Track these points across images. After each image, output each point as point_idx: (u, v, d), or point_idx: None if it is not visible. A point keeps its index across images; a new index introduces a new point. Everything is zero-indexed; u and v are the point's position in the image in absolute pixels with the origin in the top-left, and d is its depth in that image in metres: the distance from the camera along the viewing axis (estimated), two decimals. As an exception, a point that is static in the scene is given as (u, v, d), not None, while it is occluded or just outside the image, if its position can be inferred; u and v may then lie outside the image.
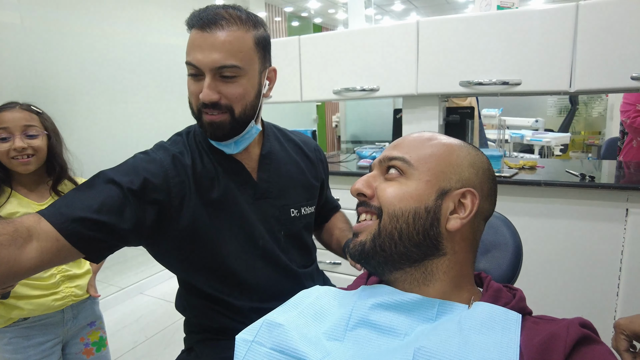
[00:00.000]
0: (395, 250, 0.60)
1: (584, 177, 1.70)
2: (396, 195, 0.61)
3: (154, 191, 0.79)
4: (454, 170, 0.62)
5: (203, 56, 0.80)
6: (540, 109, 5.46)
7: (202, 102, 0.82)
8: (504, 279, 0.86)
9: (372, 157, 2.33)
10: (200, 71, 0.81)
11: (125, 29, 2.72)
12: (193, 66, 0.81)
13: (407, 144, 0.66)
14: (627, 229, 1.58)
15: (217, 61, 0.79)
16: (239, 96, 0.83)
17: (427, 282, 0.61)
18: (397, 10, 7.13)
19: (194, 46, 0.81)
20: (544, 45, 1.72)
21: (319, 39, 2.26)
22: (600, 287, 1.66)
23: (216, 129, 0.85)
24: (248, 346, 0.60)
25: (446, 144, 0.65)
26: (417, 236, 0.60)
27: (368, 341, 0.57)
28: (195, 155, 0.89)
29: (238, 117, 0.85)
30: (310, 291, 0.71)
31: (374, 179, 0.66)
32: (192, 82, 0.84)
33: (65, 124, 2.30)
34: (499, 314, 0.55)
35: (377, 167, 0.68)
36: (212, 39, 0.80)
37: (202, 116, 0.84)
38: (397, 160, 0.64)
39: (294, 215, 0.99)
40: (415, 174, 0.62)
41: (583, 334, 0.49)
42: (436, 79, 1.96)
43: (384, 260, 0.61)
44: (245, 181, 0.92)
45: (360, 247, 0.63)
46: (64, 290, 1.28)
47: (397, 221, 0.60)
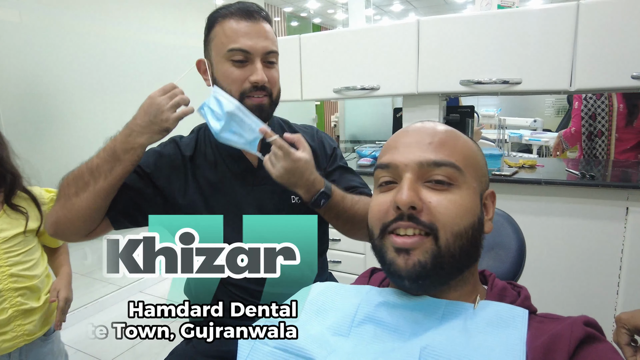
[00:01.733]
0: (455, 267, 0.55)
1: (584, 175, 1.71)
2: (458, 213, 0.54)
3: (168, 163, 0.93)
4: (483, 172, 0.61)
5: (253, 42, 0.86)
6: (538, 109, 5.48)
7: (252, 86, 0.88)
8: (507, 276, 0.87)
9: (372, 156, 2.33)
10: (248, 57, 0.87)
11: (125, 27, 2.71)
12: (243, 52, 0.87)
13: (441, 140, 0.58)
14: (627, 228, 1.59)
15: (267, 47, 0.88)
16: (277, 80, 0.93)
17: (459, 288, 0.58)
18: (396, 10, 7.14)
19: (242, 34, 0.86)
20: (544, 45, 1.72)
21: (320, 38, 2.26)
22: (601, 285, 1.66)
23: (262, 111, 0.90)
24: (251, 345, 0.59)
25: (471, 143, 0.61)
26: (472, 249, 0.56)
27: (373, 338, 0.56)
28: (200, 147, 0.98)
29: (275, 100, 0.93)
30: (311, 287, 0.70)
31: (417, 187, 0.56)
32: (235, 69, 0.88)
33: (63, 122, 2.30)
34: (506, 312, 0.54)
35: (414, 170, 0.56)
36: (258, 27, 0.88)
37: (247, 101, 0.89)
38: (447, 167, 0.56)
39: (294, 202, 0.99)
40: (465, 181, 0.57)
41: (587, 333, 0.49)
42: (436, 78, 1.96)
43: (438, 280, 0.55)
44: (245, 168, 0.97)
45: (420, 268, 0.54)
46: (14, 329, 1.04)
47: (460, 239, 0.54)
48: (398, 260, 0.55)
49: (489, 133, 3.37)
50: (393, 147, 0.60)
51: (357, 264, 2.19)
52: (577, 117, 2.47)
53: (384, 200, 0.58)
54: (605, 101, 2.34)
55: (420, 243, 0.54)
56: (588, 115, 2.40)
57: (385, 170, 0.59)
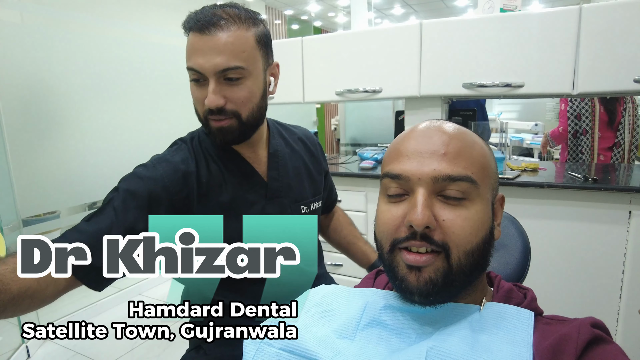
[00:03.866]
0: (465, 281, 0.54)
1: (587, 179, 1.70)
2: (471, 231, 0.53)
3: (158, 208, 0.79)
4: (495, 177, 0.59)
5: (205, 60, 0.77)
6: (540, 113, 5.48)
7: (207, 109, 0.80)
8: (512, 278, 0.86)
9: (374, 159, 2.33)
10: (203, 76, 0.79)
11: (127, 29, 2.72)
12: (195, 71, 0.79)
13: (457, 150, 0.54)
14: (630, 231, 1.58)
15: (220, 64, 0.77)
16: (245, 99, 0.82)
17: (467, 295, 0.57)
18: (397, 14, 7.16)
19: (194, 50, 0.78)
20: (546, 48, 1.72)
21: (322, 40, 2.26)
22: (603, 288, 1.65)
23: (225, 135, 0.83)
24: (257, 347, 0.59)
25: (485, 148, 0.59)
26: (482, 261, 0.55)
27: (379, 341, 0.56)
28: (200, 162, 0.87)
29: (246, 121, 0.83)
30: (317, 290, 0.70)
31: (431, 203, 0.53)
32: (195, 88, 0.81)
33: (65, 123, 2.30)
34: (511, 314, 0.54)
35: (428, 184, 0.53)
36: (212, 41, 0.77)
37: (210, 123, 0.82)
38: (462, 181, 0.53)
39: (304, 212, 0.99)
40: (479, 194, 0.54)
41: (594, 335, 0.49)
42: (439, 80, 1.96)
43: (449, 295, 0.55)
44: (256, 182, 0.92)
45: (432, 286, 0.53)
46: None
47: (472, 256, 0.53)
48: (410, 277, 0.53)
49: (490, 136, 3.37)
50: (404, 154, 0.56)
51: (358, 267, 2.17)
52: (563, 118, 2.68)
53: (395, 215, 0.55)
54: (589, 103, 2.55)
55: (432, 261, 0.52)
56: (574, 116, 2.60)
57: (396, 181, 0.55)
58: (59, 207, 2.29)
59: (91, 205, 2.49)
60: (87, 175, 2.35)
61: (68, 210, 2.37)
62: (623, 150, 2.51)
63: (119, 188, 0.79)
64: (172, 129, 1.01)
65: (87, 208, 2.48)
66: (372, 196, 2.11)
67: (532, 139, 4.18)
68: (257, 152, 0.93)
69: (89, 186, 2.37)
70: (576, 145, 2.63)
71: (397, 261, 0.55)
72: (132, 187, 0.79)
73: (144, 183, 0.79)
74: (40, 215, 2.20)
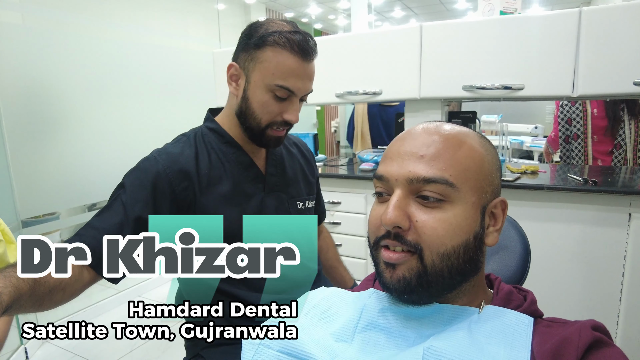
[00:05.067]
0: (443, 284, 0.54)
1: (587, 181, 1.70)
2: (446, 233, 0.52)
3: (163, 198, 0.85)
4: (489, 181, 0.57)
5: (302, 85, 0.88)
6: (539, 116, 5.48)
7: (283, 121, 0.90)
8: (512, 280, 0.86)
9: (373, 161, 2.33)
10: (291, 95, 0.88)
11: (127, 30, 2.73)
12: (289, 91, 0.88)
13: (436, 152, 0.54)
14: (630, 234, 1.58)
15: (309, 89, 0.92)
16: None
17: (462, 296, 0.57)
18: (397, 16, 7.17)
19: (295, 74, 0.87)
20: (546, 51, 1.73)
21: (323, 42, 2.27)
22: (603, 291, 1.65)
23: (279, 142, 0.95)
24: (255, 349, 0.59)
25: (477, 150, 0.57)
26: (466, 266, 0.54)
27: (377, 344, 0.56)
28: (202, 155, 0.91)
29: (289, 128, 0.97)
30: (316, 292, 0.70)
31: (406, 203, 0.54)
32: (275, 103, 0.89)
33: (65, 124, 2.30)
34: (510, 318, 0.54)
35: (404, 186, 0.54)
36: (310, 69, 0.90)
37: (269, 132, 0.91)
38: (437, 183, 0.53)
39: (300, 208, 1.03)
40: (460, 197, 0.54)
41: (595, 338, 0.49)
42: (439, 83, 1.96)
43: (427, 295, 0.55)
44: (255, 175, 0.96)
45: (404, 284, 0.54)
46: None
47: (448, 259, 0.53)
48: (385, 273, 0.56)
49: (490, 139, 3.37)
50: (388, 155, 0.58)
51: (358, 270, 2.17)
52: (555, 123, 2.67)
53: (377, 214, 0.57)
54: (580, 107, 2.50)
55: (405, 260, 0.54)
56: (564, 120, 2.58)
57: (380, 182, 0.58)
58: (58, 208, 2.29)
59: (91, 207, 2.49)
60: (86, 177, 2.35)
61: (67, 212, 2.37)
62: (625, 152, 2.44)
63: (125, 183, 0.85)
64: (172, 130, 1.02)
65: (87, 209, 2.48)
66: (372, 199, 2.10)
67: (531, 141, 4.18)
68: (257, 148, 0.98)
69: (89, 187, 2.37)
70: (568, 150, 2.60)
71: (378, 258, 0.57)
72: (137, 181, 0.84)
73: (148, 175, 0.84)
74: (39, 217, 2.20)
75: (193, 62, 2.96)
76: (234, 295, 0.91)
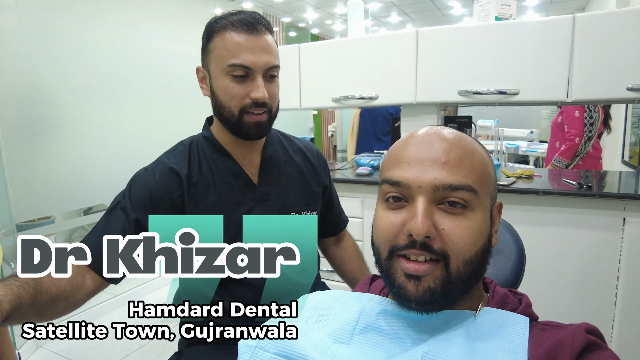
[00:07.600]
0: (463, 289, 0.54)
1: (582, 186, 1.72)
2: (472, 239, 0.52)
3: (161, 206, 0.88)
4: (494, 185, 0.58)
5: (255, 57, 0.84)
6: (535, 121, 5.52)
7: (252, 103, 0.86)
8: (507, 284, 0.86)
9: (370, 165, 2.33)
10: (249, 72, 0.85)
11: (124, 33, 2.72)
12: (244, 67, 0.84)
13: (457, 159, 0.54)
14: (624, 238, 1.59)
15: (269, 62, 0.86)
16: (277, 95, 0.92)
17: (463, 302, 0.57)
18: (394, 22, 7.22)
19: (244, 48, 0.84)
20: (541, 56, 1.75)
21: (319, 47, 2.28)
22: (598, 294, 1.66)
23: (259, 129, 0.90)
24: (251, 352, 0.59)
25: (484, 155, 0.58)
26: (481, 269, 0.55)
27: (375, 346, 0.56)
28: (193, 164, 0.93)
29: (273, 115, 0.92)
30: (314, 294, 0.70)
31: (431, 211, 0.53)
32: (234, 85, 0.86)
33: (62, 127, 2.29)
34: (506, 319, 0.54)
35: (428, 193, 0.53)
36: (260, 41, 0.85)
37: (245, 117, 0.88)
38: (463, 190, 0.52)
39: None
40: (480, 202, 0.54)
41: (589, 341, 0.49)
42: (435, 88, 1.97)
43: (446, 303, 0.54)
44: (245, 184, 0.95)
45: (430, 295, 0.53)
46: None
47: (471, 264, 0.53)
48: (408, 286, 0.53)
49: (486, 144, 3.40)
50: (404, 160, 0.56)
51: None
52: (581, 124, 2.66)
53: (394, 222, 0.54)
54: (599, 110, 2.64)
55: (431, 270, 0.52)
56: (590, 123, 2.65)
57: (395, 188, 0.55)
58: (53, 212, 2.28)
59: (86, 211, 2.47)
60: (82, 180, 2.34)
61: (63, 215, 2.36)
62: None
63: (125, 193, 0.89)
64: (168, 134, 1.03)
65: (82, 213, 2.47)
66: (368, 202, 2.11)
67: (527, 146, 4.21)
68: (251, 156, 0.97)
69: (84, 191, 2.35)
70: (584, 150, 2.71)
71: (395, 268, 0.55)
72: (136, 189, 0.88)
73: (145, 184, 0.88)
74: (34, 220, 2.19)
75: (190, 66, 2.94)
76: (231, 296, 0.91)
